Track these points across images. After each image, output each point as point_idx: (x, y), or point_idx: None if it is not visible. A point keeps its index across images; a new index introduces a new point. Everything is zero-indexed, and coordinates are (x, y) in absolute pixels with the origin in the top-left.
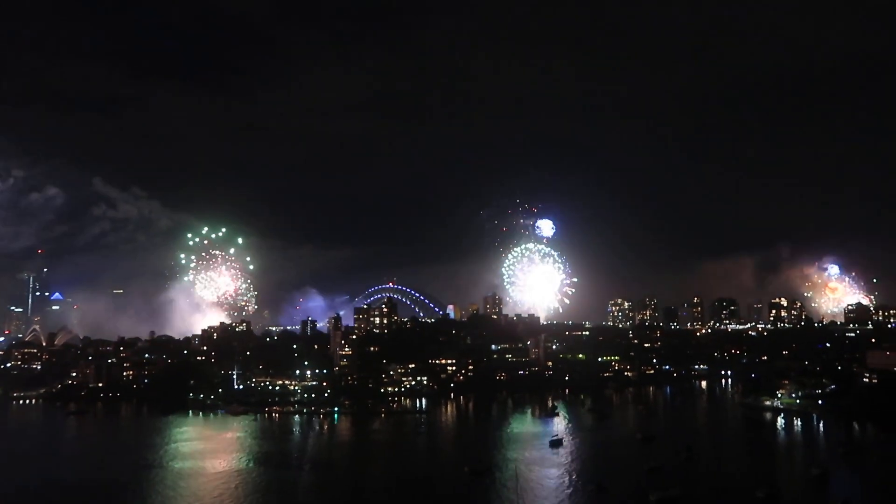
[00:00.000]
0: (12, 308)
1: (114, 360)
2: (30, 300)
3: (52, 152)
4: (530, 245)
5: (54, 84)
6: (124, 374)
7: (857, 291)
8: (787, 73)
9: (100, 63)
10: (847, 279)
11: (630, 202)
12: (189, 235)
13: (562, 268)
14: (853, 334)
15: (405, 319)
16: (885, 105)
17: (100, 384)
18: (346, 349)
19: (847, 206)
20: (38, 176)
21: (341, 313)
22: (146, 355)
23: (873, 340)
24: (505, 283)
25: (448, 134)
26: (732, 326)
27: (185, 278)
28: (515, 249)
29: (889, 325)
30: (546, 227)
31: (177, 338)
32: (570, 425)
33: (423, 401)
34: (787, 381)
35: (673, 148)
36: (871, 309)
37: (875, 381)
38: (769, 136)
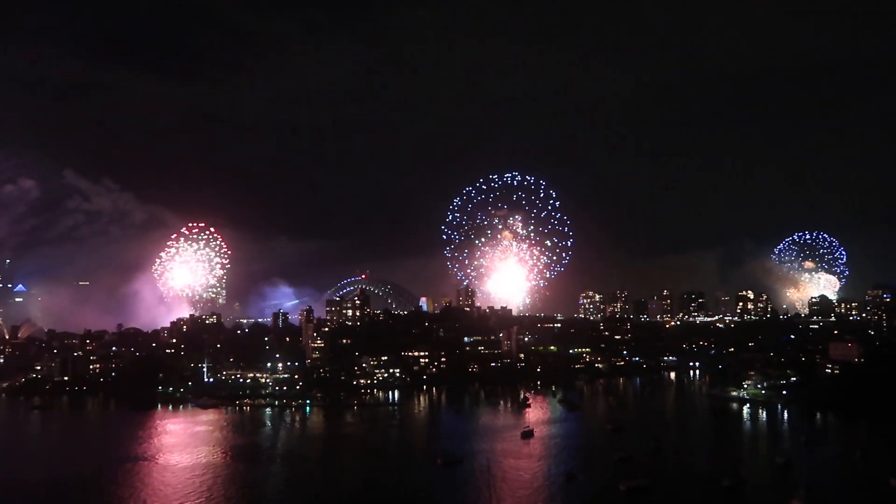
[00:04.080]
0: None
1: (79, 353)
2: None
3: (23, 143)
4: (503, 237)
5: (14, 69)
6: (91, 367)
7: (820, 284)
8: (746, 70)
9: (61, 48)
10: (810, 272)
11: (600, 196)
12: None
13: (544, 258)
14: (816, 326)
15: (378, 312)
16: (846, 104)
17: (65, 378)
18: (319, 342)
19: (809, 199)
20: (12, 168)
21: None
22: (113, 348)
23: (835, 332)
24: (478, 276)
25: (420, 125)
26: (700, 319)
27: (154, 270)
28: (489, 242)
29: (850, 318)
30: (519, 220)
31: (144, 330)
32: (541, 416)
33: (396, 393)
34: (752, 373)
35: (645, 144)
36: (834, 302)
37: (836, 371)
38: (727, 132)
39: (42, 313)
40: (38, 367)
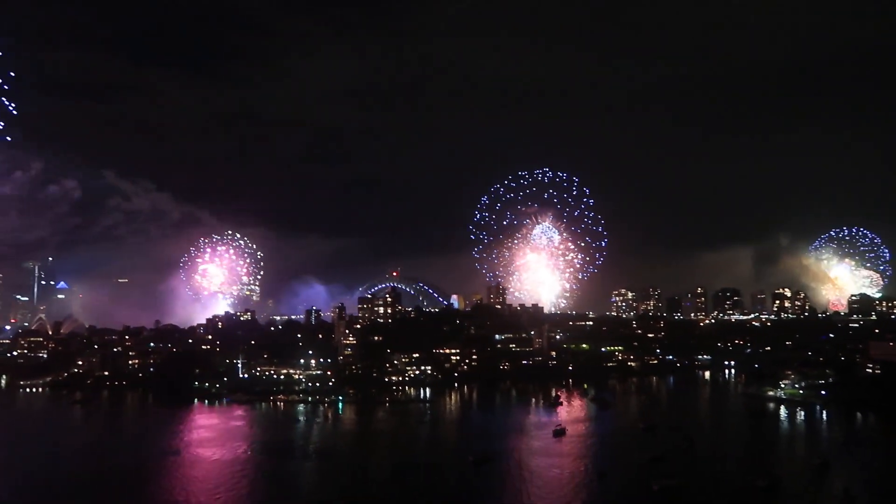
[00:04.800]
0: (18, 297)
1: (119, 348)
2: (35, 289)
3: (66, 144)
4: (534, 235)
5: (54, 71)
6: (129, 362)
7: (861, 281)
8: (780, 62)
9: (97, 50)
10: (849, 269)
11: (632, 192)
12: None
13: (577, 260)
14: (856, 325)
15: (409, 309)
16: (881, 96)
17: (105, 373)
18: (351, 338)
19: (848, 194)
20: (55, 168)
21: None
22: (151, 344)
23: (876, 331)
24: (508, 275)
25: (450, 122)
26: (736, 317)
27: (189, 267)
28: (519, 240)
29: (892, 316)
30: (550, 217)
31: (181, 327)
32: (573, 415)
33: (427, 390)
34: (789, 372)
35: (677, 139)
36: (875, 300)
37: (877, 371)
38: (762, 127)
39: (83, 310)
40: (80, 363)
